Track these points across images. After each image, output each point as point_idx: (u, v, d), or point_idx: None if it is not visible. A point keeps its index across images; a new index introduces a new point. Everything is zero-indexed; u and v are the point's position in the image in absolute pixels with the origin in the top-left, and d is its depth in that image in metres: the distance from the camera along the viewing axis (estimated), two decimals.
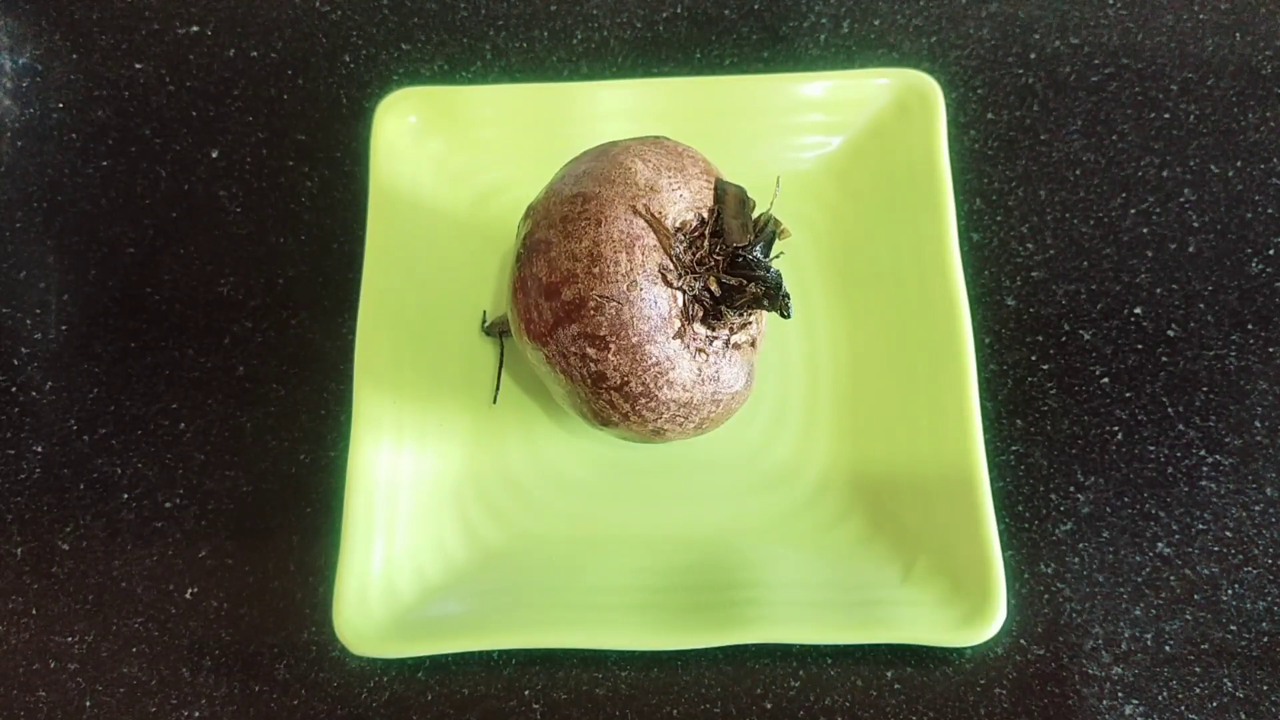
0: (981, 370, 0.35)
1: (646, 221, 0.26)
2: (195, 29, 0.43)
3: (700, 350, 0.27)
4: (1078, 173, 0.39)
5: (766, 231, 0.27)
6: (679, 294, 0.26)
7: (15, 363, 0.38)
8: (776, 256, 0.28)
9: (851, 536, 0.34)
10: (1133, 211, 0.39)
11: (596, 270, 0.26)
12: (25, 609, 0.35)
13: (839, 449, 0.35)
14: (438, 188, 0.38)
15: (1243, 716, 0.32)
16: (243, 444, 0.37)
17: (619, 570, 0.34)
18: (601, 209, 0.26)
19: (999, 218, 0.39)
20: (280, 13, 0.43)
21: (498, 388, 0.36)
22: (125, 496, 0.36)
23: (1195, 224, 0.38)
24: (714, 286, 0.27)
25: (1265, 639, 0.33)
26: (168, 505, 0.36)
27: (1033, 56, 0.41)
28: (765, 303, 0.27)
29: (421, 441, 0.35)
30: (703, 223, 0.27)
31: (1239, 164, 0.39)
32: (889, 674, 0.33)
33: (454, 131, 0.38)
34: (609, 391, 0.27)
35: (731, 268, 0.27)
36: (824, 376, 0.36)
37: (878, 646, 0.33)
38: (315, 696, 0.33)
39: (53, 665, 0.34)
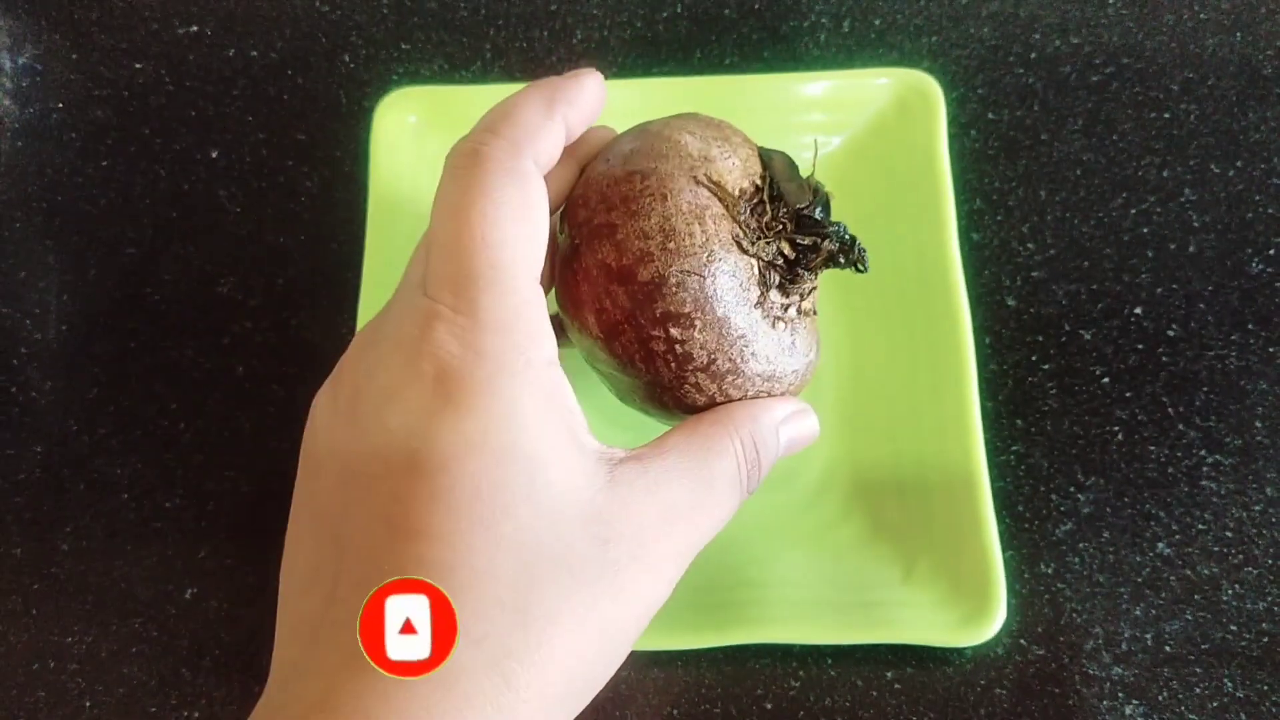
0: (982, 370, 0.35)
1: (710, 190, 0.25)
2: (195, 28, 0.43)
3: (779, 319, 0.26)
4: (1078, 172, 0.39)
5: (821, 193, 0.27)
6: (754, 261, 0.26)
7: (15, 363, 0.38)
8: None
9: (852, 536, 0.34)
10: (1133, 211, 0.39)
11: (672, 245, 0.24)
12: (25, 609, 0.35)
13: (840, 449, 0.35)
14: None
15: (1243, 717, 0.32)
16: (242, 444, 0.37)
17: None
18: (663, 183, 0.25)
19: (999, 217, 0.39)
20: (280, 12, 0.43)
21: None
22: (125, 497, 0.36)
23: (1196, 224, 0.38)
24: (787, 249, 0.26)
25: (1266, 639, 0.33)
26: (167, 506, 0.36)
27: (1033, 56, 0.41)
28: (841, 259, 0.26)
29: None
30: (757, 189, 0.26)
31: (1240, 164, 0.39)
32: (889, 674, 0.33)
33: (454, 131, 0.37)
34: (695, 373, 0.25)
35: (799, 228, 0.26)
36: (825, 376, 0.36)
37: (878, 647, 0.33)
38: None
39: (53, 665, 0.34)
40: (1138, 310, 0.37)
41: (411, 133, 0.38)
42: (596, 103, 0.26)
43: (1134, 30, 0.41)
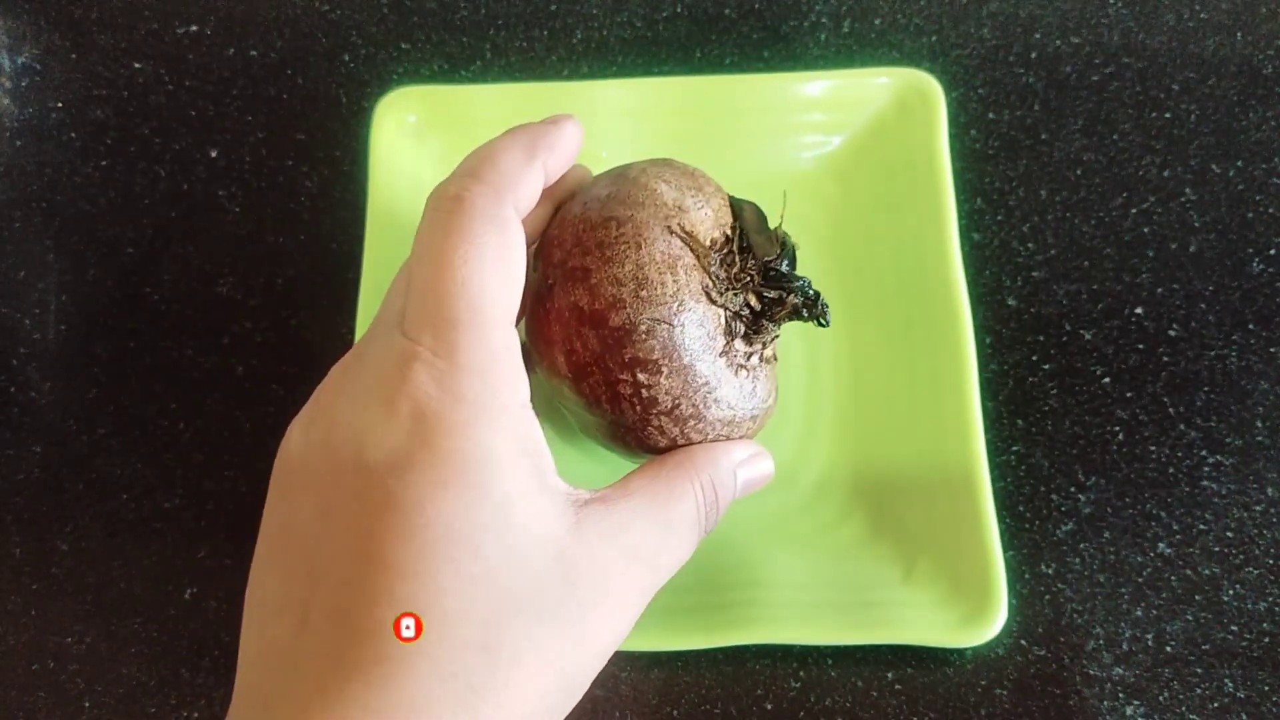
0: (982, 370, 0.35)
1: (683, 240, 0.26)
2: (194, 28, 0.43)
3: (741, 367, 0.27)
4: (1079, 172, 0.39)
5: (789, 246, 0.27)
6: (721, 312, 0.26)
7: (14, 363, 0.38)
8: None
9: (852, 537, 0.34)
10: (1134, 211, 0.39)
11: (645, 294, 0.25)
12: (25, 609, 0.35)
13: (840, 449, 0.35)
14: None
15: (1244, 717, 0.32)
16: (242, 444, 0.37)
17: None
18: (639, 231, 0.26)
19: (1000, 217, 0.39)
20: (280, 12, 0.43)
21: None
22: (124, 497, 0.36)
23: (1196, 224, 0.38)
24: (753, 301, 0.27)
25: (1266, 639, 0.33)
26: (167, 505, 0.36)
27: (1034, 56, 0.41)
28: (805, 313, 0.27)
29: None
30: (728, 240, 0.27)
31: (1240, 163, 0.39)
32: (890, 675, 0.33)
33: (454, 131, 0.38)
34: (659, 417, 0.26)
35: (766, 281, 0.27)
36: (824, 377, 0.36)
37: (878, 647, 0.33)
38: None
39: (52, 665, 0.34)
40: (1138, 310, 0.37)
41: (411, 132, 0.38)
42: (575, 148, 0.27)
43: (1134, 30, 0.41)
